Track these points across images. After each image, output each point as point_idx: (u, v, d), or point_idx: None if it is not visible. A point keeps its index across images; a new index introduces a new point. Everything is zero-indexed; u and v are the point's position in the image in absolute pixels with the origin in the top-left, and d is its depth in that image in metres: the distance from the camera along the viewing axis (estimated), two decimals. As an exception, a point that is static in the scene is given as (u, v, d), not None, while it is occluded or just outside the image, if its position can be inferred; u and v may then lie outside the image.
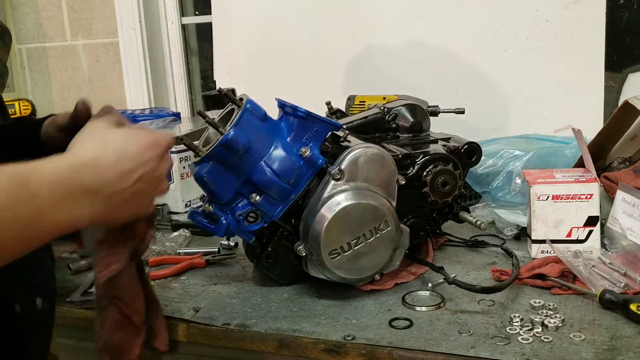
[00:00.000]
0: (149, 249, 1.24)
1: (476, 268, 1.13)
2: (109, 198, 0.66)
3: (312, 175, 1.00)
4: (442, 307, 0.97)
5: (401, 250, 1.04)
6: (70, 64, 2.12)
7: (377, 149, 1.01)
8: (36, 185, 0.59)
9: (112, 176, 0.67)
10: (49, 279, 0.82)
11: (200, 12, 2.09)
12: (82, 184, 0.64)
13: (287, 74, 1.83)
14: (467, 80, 1.68)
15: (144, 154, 0.71)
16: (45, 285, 0.80)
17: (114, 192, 0.67)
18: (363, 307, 0.99)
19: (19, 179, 0.58)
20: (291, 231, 1.03)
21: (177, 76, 2.11)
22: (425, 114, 1.23)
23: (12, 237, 0.57)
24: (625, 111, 1.24)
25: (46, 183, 0.60)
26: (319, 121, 1.00)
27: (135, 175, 0.69)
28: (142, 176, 0.70)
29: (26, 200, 0.57)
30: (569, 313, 0.93)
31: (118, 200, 0.68)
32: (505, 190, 1.32)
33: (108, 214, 0.67)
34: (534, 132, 1.50)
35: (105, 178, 0.66)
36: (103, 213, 0.66)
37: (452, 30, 1.67)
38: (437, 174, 1.08)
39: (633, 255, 1.04)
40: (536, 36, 1.60)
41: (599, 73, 1.57)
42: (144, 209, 0.75)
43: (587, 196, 1.11)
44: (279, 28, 1.85)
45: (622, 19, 1.63)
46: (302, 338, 0.91)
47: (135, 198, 0.70)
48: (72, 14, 2.09)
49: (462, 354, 0.83)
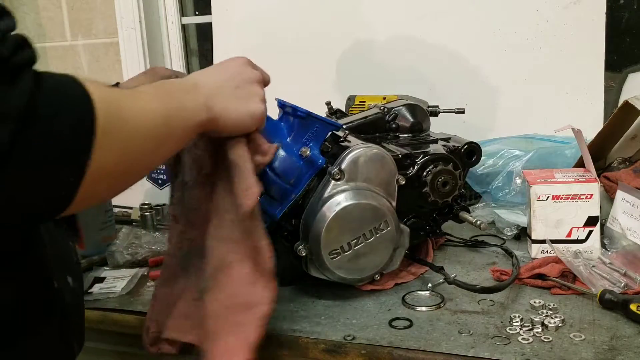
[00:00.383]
0: (150, 249, 1.25)
1: (476, 268, 1.13)
2: (210, 95, 0.79)
3: (312, 175, 1.00)
4: (442, 307, 0.97)
5: (401, 250, 1.04)
6: (70, 64, 2.12)
7: (377, 149, 1.01)
8: (169, 86, 0.76)
9: (205, 82, 0.80)
10: (75, 259, 0.86)
11: (200, 12, 2.09)
12: (187, 88, 0.78)
13: (287, 73, 1.82)
14: (467, 80, 1.68)
15: (226, 65, 0.87)
16: (72, 264, 0.84)
17: (212, 89, 0.80)
18: (363, 307, 0.99)
19: (157, 85, 0.75)
20: (291, 231, 1.03)
21: (177, 76, 2.11)
22: (425, 114, 1.23)
23: (175, 125, 0.72)
24: (625, 111, 1.24)
25: (172, 86, 0.77)
26: (319, 121, 1.00)
27: (224, 76, 0.83)
28: (232, 76, 0.84)
29: (169, 95, 0.73)
30: (569, 313, 0.93)
31: (221, 96, 0.80)
32: (505, 190, 1.32)
33: (220, 110, 0.79)
34: (534, 132, 1.50)
35: (199, 85, 0.79)
36: (214, 107, 0.78)
37: (452, 30, 1.67)
38: (437, 174, 1.08)
39: (633, 255, 1.04)
40: (536, 36, 1.60)
41: (599, 73, 1.57)
42: (254, 104, 0.85)
43: (587, 196, 1.11)
44: (279, 28, 1.85)
45: (622, 19, 1.63)
46: (302, 338, 0.91)
47: (238, 94, 0.83)
48: (72, 14, 2.08)
49: (462, 354, 0.83)
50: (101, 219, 1.31)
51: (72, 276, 0.81)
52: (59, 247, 0.80)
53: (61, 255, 0.81)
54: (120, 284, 1.12)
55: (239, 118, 0.82)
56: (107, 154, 0.59)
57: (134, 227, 1.38)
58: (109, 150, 0.59)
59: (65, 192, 0.57)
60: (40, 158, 0.54)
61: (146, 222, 1.45)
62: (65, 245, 0.84)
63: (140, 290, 1.12)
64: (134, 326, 1.00)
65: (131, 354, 1.08)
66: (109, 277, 1.16)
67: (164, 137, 0.70)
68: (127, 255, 1.23)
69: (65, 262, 0.82)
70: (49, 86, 0.55)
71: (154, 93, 0.71)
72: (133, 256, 1.23)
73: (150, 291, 1.11)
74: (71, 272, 0.82)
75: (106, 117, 0.58)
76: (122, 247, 1.24)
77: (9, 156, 0.52)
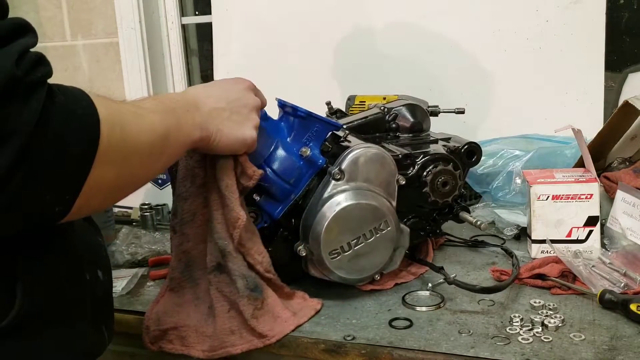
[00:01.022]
0: (150, 249, 1.25)
1: (476, 268, 1.13)
2: (209, 115, 0.83)
3: (312, 175, 1.00)
4: (442, 307, 0.97)
5: (401, 250, 1.04)
6: (70, 64, 2.12)
7: (377, 149, 1.01)
8: (169, 102, 0.79)
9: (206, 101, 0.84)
10: (104, 254, 0.88)
11: (200, 12, 2.09)
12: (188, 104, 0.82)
13: (287, 73, 1.83)
14: (467, 80, 1.68)
15: (229, 87, 0.91)
16: (102, 258, 0.86)
17: (212, 110, 0.84)
18: (363, 307, 0.99)
19: (158, 100, 0.78)
20: (291, 231, 1.03)
21: (177, 76, 2.11)
22: (425, 114, 1.23)
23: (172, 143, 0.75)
24: (625, 111, 1.24)
25: (173, 102, 0.80)
26: (319, 121, 1.00)
27: (225, 100, 0.87)
28: (233, 101, 0.88)
29: (169, 112, 0.76)
30: (569, 313, 0.93)
31: (218, 118, 0.85)
32: (505, 190, 1.32)
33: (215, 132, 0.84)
34: (534, 132, 1.50)
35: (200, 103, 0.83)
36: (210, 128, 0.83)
37: (452, 30, 1.67)
38: (437, 174, 1.08)
39: (633, 255, 1.04)
40: (536, 36, 1.60)
41: (599, 73, 1.57)
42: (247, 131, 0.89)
43: (587, 196, 1.11)
44: (279, 28, 1.85)
45: (622, 19, 1.63)
46: (302, 338, 0.91)
47: (234, 119, 0.87)
48: (72, 13, 2.08)
49: (462, 354, 0.83)
50: (101, 219, 1.30)
51: (102, 270, 0.83)
52: (88, 240, 0.83)
53: (91, 249, 0.83)
54: (120, 284, 1.12)
55: (230, 141, 0.87)
56: (106, 171, 0.62)
57: (134, 227, 1.38)
58: (109, 167, 0.63)
59: (60, 208, 0.60)
60: (44, 173, 0.57)
61: (146, 222, 1.45)
62: (94, 240, 0.86)
63: (140, 290, 1.12)
64: (134, 326, 1.00)
65: (131, 353, 1.07)
66: (109, 277, 1.16)
67: (160, 153, 0.74)
68: (127, 255, 1.23)
69: (96, 255, 0.84)
70: (60, 102, 0.58)
71: (156, 110, 0.74)
72: (133, 256, 1.23)
73: (150, 291, 1.11)
74: (101, 266, 0.84)
75: (110, 136, 0.61)
76: (122, 247, 1.24)
77: (17, 169, 0.55)
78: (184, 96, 0.85)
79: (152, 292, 1.10)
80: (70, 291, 0.73)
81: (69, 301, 0.73)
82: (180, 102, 0.81)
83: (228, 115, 0.86)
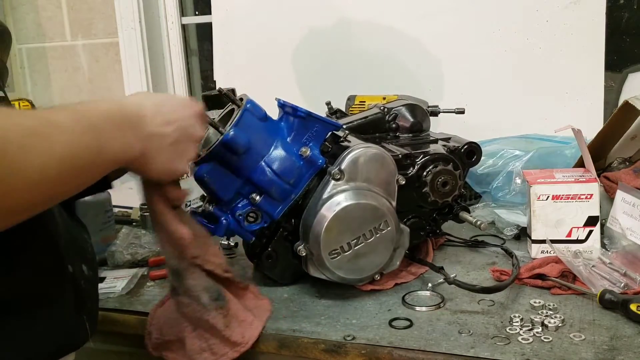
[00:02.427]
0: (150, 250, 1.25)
1: (476, 268, 1.13)
2: (149, 138, 0.76)
3: (312, 175, 1.01)
4: (442, 307, 0.97)
5: (401, 250, 1.04)
6: (70, 64, 2.13)
7: (377, 149, 1.01)
8: (95, 118, 0.69)
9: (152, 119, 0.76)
10: (89, 249, 0.87)
11: (200, 12, 2.09)
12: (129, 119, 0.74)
13: (287, 74, 1.83)
14: (467, 80, 1.68)
15: (180, 109, 0.82)
16: (88, 254, 0.85)
17: (155, 134, 0.77)
18: (363, 307, 0.99)
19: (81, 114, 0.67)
20: (291, 231, 1.03)
21: (177, 76, 2.11)
22: (425, 114, 1.23)
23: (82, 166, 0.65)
24: (625, 111, 1.24)
25: (102, 116, 0.70)
26: (319, 121, 1.00)
27: (173, 125, 0.79)
28: (180, 128, 0.80)
29: (89, 131, 0.66)
30: (569, 313, 0.93)
31: (158, 145, 0.77)
32: (505, 190, 1.32)
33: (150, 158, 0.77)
34: (534, 132, 1.50)
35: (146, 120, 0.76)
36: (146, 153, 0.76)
37: (452, 30, 1.67)
38: (437, 174, 1.08)
39: (633, 255, 1.04)
40: (536, 36, 1.60)
41: (599, 73, 1.57)
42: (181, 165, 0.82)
43: (587, 196, 1.11)
44: (279, 28, 1.85)
45: (622, 19, 1.63)
46: (302, 338, 0.91)
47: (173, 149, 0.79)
48: (72, 14, 2.09)
49: (462, 354, 0.83)
50: (101, 219, 1.30)
51: (87, 265, 0.82)
52: (73, 235, 0.82)
53: (76, 243, 0.82)
54: (120, 284, 1.12)
55: (159, 171, 0.81)
56: None
57: (133, 227, 1.38)
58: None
59: None
60: None
61: (146, 222, 1.44)
62: (80, 236, 0.85)
63: (140, 290, 1.12)
64: (134, 326, 1.00)
65: (131, 353, 1.07)
66: (108, 277, 1.16)
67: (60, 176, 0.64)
68: (127, 255, 1.23)
69: (81, 250, 0.83)
70: None
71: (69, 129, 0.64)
72: (133, 256, 1.23)
73: (150, 291, 1.11)
74: (86, 262, 0.83)
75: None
76: (122, 247, 1.24)
77: None
78: (122, 108, 0.74)
79: (152, 292, 1.10)
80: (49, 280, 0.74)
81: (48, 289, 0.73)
82: (111, 116, 0.71)
83: (169, 143, 0.79)
